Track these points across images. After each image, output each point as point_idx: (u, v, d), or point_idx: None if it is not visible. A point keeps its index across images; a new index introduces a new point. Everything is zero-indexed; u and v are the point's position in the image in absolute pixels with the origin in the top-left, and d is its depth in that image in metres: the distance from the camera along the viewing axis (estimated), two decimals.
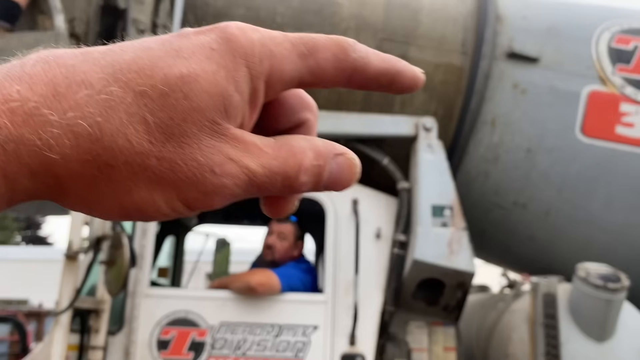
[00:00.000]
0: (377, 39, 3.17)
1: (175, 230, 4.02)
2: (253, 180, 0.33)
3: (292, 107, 0.39)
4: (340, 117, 2.88)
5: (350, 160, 0.36)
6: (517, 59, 3.21)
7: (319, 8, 3.20)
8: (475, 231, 3.28)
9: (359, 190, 2.92)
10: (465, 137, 3.16)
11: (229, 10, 3.11)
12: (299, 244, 3.19)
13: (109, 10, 2.92)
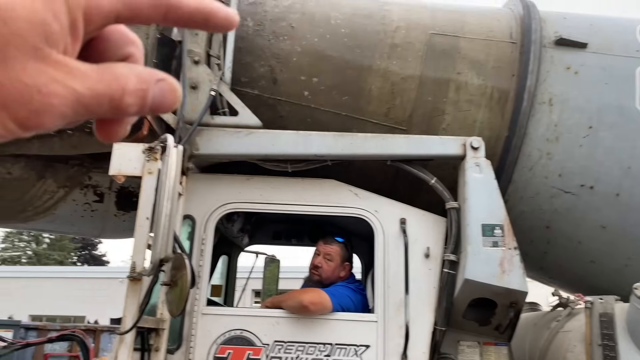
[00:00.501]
0: (427, 35, 3.27)
1: (228, 250, 4.14)
2: (80, 100, 0.36)
3: (115, 42, 0.42)
4: (386, 138, 2.93)
5: (171, 85, 0.40)
6: (565, 45, 3.25)
7: (369, 13, 3.36)
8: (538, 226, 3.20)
9: (406, 210, 2.95)
10: (524, 116, 3.11)
11: (285, 15, 3.27)
12: (346, 265, 3.22)
13: (165, 41, 3.10)
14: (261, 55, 3.18)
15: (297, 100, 3.15)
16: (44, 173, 2.99)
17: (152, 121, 2.65)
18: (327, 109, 3.16)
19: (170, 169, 2.12)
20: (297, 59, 3.17)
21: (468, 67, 3.21)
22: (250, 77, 3.16)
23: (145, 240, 2.18)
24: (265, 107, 3.15)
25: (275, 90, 3.16)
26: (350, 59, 3.19)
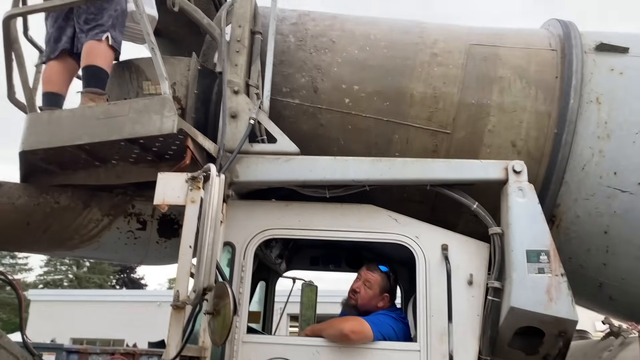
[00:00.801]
0: (466, 45, 3.30)
1: (265, 276, 4.15)
2: None
3: None
4: (425, 163, 2.90)
5: None
6: (607, 50, 3.23)
7: (407, 29, 3.43)
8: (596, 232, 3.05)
9: (448, 236, 2.90)
10: (572, 112, 3.05)
11: (326, 32, 3.36)
12: (385, 297, 3.15)
13: (206, 73, 3.18)
14: (302, 66, 3.25)
15: (338, 108, 3.17)
16: (89, 202, 3.07)
17: (194, 150, 2.70)
18: (368, 115, 3.16)
19: (213, 198, 2.15)
20: (337, 69, 3.23)
21: (510, 72, 3.21)
22: (291, 87, 3.22)
23: (188, 268, 2.21)
24: (306, 116, 3.19)
25: (316, 98, 3.20)
26: (391, 68, 3.22)
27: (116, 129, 2.57)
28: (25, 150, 2.76)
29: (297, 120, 3.14)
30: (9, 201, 2.95)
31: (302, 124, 3.14)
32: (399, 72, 3.21)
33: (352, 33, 3.37)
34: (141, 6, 2.64)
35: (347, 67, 3.23)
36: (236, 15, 3.18)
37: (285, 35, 3.34)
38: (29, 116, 2.81)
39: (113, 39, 3.02)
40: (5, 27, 2.91)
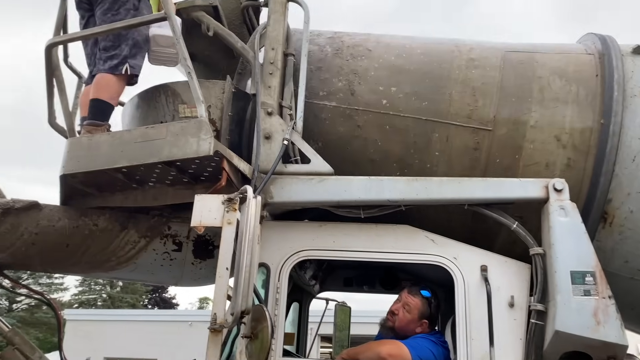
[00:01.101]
0: (501, 52, 3.31)
1: (299, 297, 4.12)
2: None
3: None
4: (463, 182, 2.85)
5: None
6: None
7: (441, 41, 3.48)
8: None
9: (487, 256, 2.83)
10: (618, 104, 2.99)
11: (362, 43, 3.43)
12: (423, 323, 3.07)
13: (240, 95, 3.21)
14: (339, 71, 3.27)
15: (375, 109, 3.16)
16: (126, 224, 3.11)
17: (229, 172, 2.72)
18: (406, 115, 3.13)
19: (250, 220, 2.15)
20: (374, 73, 3.25)
21: (548, 72, 3.19)
22: (328, 91, 3.24)
23: (225, 291, 2.20)
24: (343, 118, 3.18)
25: (353, 100, 3.20)
26: (428, 71, 3.23)
27: (154, 151, 2.61)
28: (65, 174, 2.82)
29: (334, 123, 3.15)
30: (50, 224, 3.01)
31: (338, 126, 3.14)
32: (436, 75, 3.21)
33: (388, 44, 3.42)
34: (177, 32, 2.69)
35: (384, 71, 3.25)
36: (269, 38, 3.22)
37: (322, 46, 3.39)
38: (69, 141, 2.88)
39: (132, 68, 3.14)
40: (47, 55, 3.01)
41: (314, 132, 3.17)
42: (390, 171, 3.07)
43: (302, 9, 3.29)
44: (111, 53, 3.12)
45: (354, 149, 3.14)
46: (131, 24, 2.97)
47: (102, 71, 3.13)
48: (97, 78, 3.14)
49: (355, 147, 3.15)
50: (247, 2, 3.65)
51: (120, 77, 3.14)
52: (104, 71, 3.12)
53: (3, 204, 2.96)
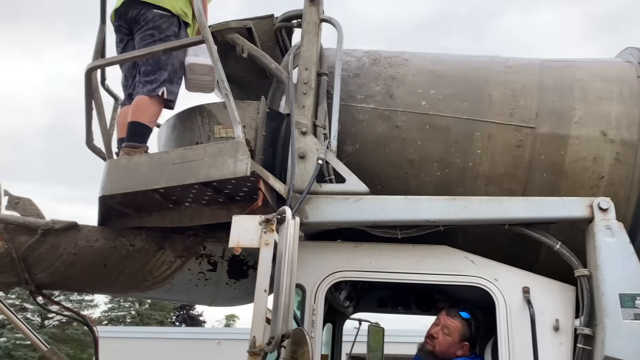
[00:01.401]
0: (540, 61, 3.35)
1: (332, 318, 4.07)
2: None
3: None
4: (503, 201, 2.78)
5: None
6: None
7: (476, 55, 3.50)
8: None
9: (529, 278, 2.75)
10: None
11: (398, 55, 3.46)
12: (464, 345, 3.00)
13: (273, 115, 3.22)
14: (377, 77, 3.29)
15: (415, 110, 3.14)
16: (162, 244, 3.13)
17: (265, 192, 2.71)
18: (446, 115, 3.11)
19: (288, 241, 2.13)
20: (412, 78, 3.26)
21: (588, 75, 3.19)
22: (365, 95, 3.24)
23: (264, 313, 2.17)
24: (381, 119, 3.16)
25: (392, 102, 3.19)
26: (466, 75, 3.25)
27: (192, 172, 2.62)
28: (104, 195, 2.86)
29: (372, 123, 3.14)
30: (88, 244, 3.04)
31: (376, 127, 3.13)
32: (475, 79, 3.24)
33: (423, 56, 3.48)
34: (215, 55, 2.72)
35: (422, 77, 3.27)
36: (303, 58, 3.23)
37: (359, 57, 3.43)
38: (109, 162, 2.93)
39: (169, 93, 3.20)
40: (87, 79, 3.08)
41: (351, 133, 3.15)
42: (430, 171, 3.04)
43: (336, 29, 3.30)
44: (150, 77, 3.20)
45: (392, 150, 3.11)
46: (169, 47, 3.02)
47: (140, 94, 3.19)
48: (136, 101, 3.20)
49: (394, 148, 3.11)
50: (280, 23, 3.68)
51: (158, 100, 3.20)
52: (143, 94, 3.19)
53: (43, 224, 3.01)
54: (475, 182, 3.00)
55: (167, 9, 3.31)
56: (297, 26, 3.57)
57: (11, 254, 2.95)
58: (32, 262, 3.00)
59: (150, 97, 3.18)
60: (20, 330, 3.39)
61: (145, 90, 3.22)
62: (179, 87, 3.33)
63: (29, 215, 3.12)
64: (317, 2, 3.30)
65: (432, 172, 3.03)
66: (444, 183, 3.04)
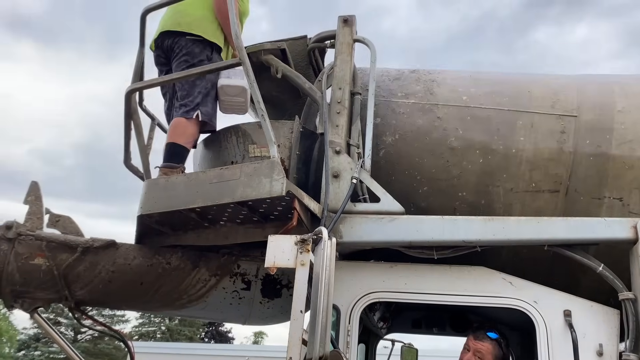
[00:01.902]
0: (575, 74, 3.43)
1: (365, 339, 4.02)
2: None
3: None
4: (542, 221, 2.72)
5: None
6: None
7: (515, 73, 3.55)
8: None
9: (570, 300, 2.67)
10: None
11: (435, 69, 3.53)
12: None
13: (307, 134, 3.25)
14: (417, 80, 3.37)
15: (455, 103, 3.17)
16: (198, 262, 3.17)
17: (300, 212, 2.72)
18: (488, 107, 3.14)
19: (325, 262, 2.13)
20: (452, 81, 3.34)
21: (628, 79, 3.24)
22: (406, 92, 3.29)
23: (300, 334, 2.16)
24: (421, 112, 3.19)
25: (432, 98, 3.24)
26: (505, 79, 3.38)
27: (228, 192, 2.65)
28: (142, 214, 2.92)
29: (412, 116, 3.17)
30: (125, 262, 3.10)
31: (417, 119, 3.15)
32: (515, 80, 3.34)
33: (459, 70, 3.58)
34: (251, 76, 2.77)
35: (461, 80, 3.34)
36: (336, 78, 3.26)
37: (398, 69, 3.52)
38: (147, 182, 2.99)
39: (203, 114, 3.28)
40: (127, 100, 3.16)
41: (391, 125, 3.18)
42: (473, 158, 3.04)
43: (369, 49, 3.32)
44: (185, 101, 3.29)
45: (433, 139, 3.11)
46: (206, 70, 3.09)
47: (177, 117, 3.27)
48: (173, 123, 3.29)
49: (435, 137, 3.11)
50: (314, 44, 3.73)
51: (193, 122, 3.27)
52: (179, 116, 3.27)
53: (83, 242, 3.09)
54: (519, 168, 2.99)
55: (198, 35, 3.41)
56: (331, 46, 3.61)
57: (52, 271, 3.04)
58: (72, 279, 3.08)
59: (186, 119, 3.25)
60: (58, 345, 3.46)
61: (180, 112, 3.31)
62: (212, 108, 3.39)
63: (68, 233, 3.21)
64: (351, 22, 3.34)
65: (474, 160, 3.03)
66: (486, 170, 3.02)
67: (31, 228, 3.09)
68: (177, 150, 3.23)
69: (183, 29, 3.43)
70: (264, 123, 2.71)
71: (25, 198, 3.19)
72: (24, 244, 3.03)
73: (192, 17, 3.45)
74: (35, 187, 3.22)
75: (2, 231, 3.03)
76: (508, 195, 2.98)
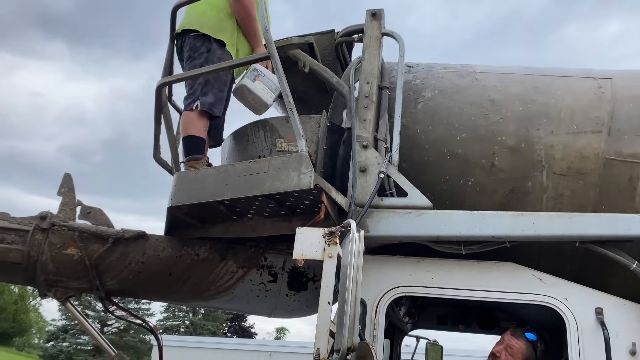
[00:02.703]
0: None
1: (390, 334, 4.01)
2: None
3: None
4: (574, 217, 2.67)
5: None
6: None
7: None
8: None
9: (602, 298, 2.62)
10: None
11: None
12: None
13: (334, 129, 3.25)
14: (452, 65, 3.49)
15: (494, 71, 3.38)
16: (225, 254, 3.20)
17: (327, 205, 2.73)
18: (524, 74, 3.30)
19: (353, 254, 2.13)
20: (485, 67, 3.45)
21: None
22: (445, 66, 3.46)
23: (327, 325, 2.17)
24: (460, 75, 3.39)
25: (469, 68, 3.39)
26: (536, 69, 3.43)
27: (257, 185, 2.68)
28: (172, 206, 2.96)
29: (450, 78, 3.31)
30: (155, 253, 3.16)
31: (455, 80, 3.28)
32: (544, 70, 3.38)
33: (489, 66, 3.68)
34: (280, 70, 2.78)
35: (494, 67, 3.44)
36: (364, 72, 3.25)
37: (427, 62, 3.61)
38: (177, 175, 3.03)
39: (202, 104, 3.34)
40: (157, 94, 3.21)
41: (430, 84, 3.30)
42: (512, 107, 3.09)
43: (397, 43, 3.31)
44: (187, 94, 3.40)
45: (472, 93, 3.21)
46: (235, 64, 3.12)
47: (184, 111, 3.39)
48: (182, 117, 3.38)
49: (474, 92, 3.21)
50: (341, 38, 3.73)
51: (197, 112, 3.33)
52: (184, 110, 3.38)
53: (114, 233, 3.15)
54: (559, 114, 3.04)
55: (196, 30, 3.49)
56: (358, 40, 3.60)
57: (84, 261, 3.10)
58: (103, 270, 3.14)
59: (190, 111, 3.34)
60: (89, 333, 3.54)
61: (185, 106, 3.42)
62: (214, 97, 3.41)
63: (99, 224, 3.28)
64: (379, 16, 3.32)
65: (514, 109, 3.09)
66: (526, 117, 3.06)
67: (64, 219, 3.17)
68: (192, 141, 3.30)
69: (186, 27, 3.53)
70: (293, 117, 2.72)
71: (58, 189, 3.27)
72: (57, 234, 3.10)
73: (192, 15, 3.56)
74: (68, 178, 3.30)
75: (36, 221, 3.12)
76: (549, 137, 3.00)
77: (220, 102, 3.45)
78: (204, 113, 3.36)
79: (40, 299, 3.84)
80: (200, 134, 3.36)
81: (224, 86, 3.46)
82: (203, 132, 3.40)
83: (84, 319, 3.47)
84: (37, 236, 3.08)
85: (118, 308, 3.64)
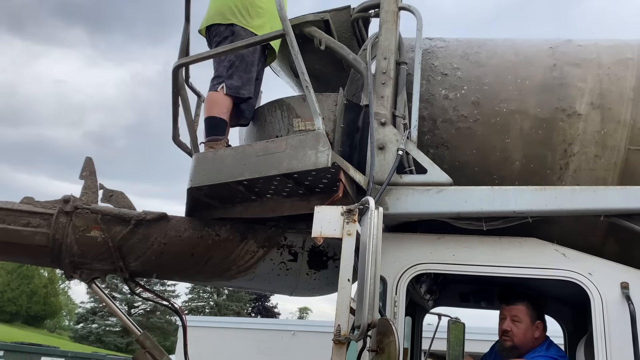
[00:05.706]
0: None
1: (412, 312, 4.02)
2: None
3: None
4: (598, 190, 2.62)
5: None
6: None
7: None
8: None
9: (627, 272, 2.57)
10: None
11: None
12: (539, 324, 2.97)
13: (351, 106, 3.22)
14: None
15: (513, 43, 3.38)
16: (246, 234, 3.22)
17: (345, 183, 2.72)
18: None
19: (372, 231, 2.12)
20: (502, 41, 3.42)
21: None
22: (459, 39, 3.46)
23: (348, 302, 2.18)
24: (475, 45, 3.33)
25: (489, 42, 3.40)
26: None
27: (274, 164, 2.67)
28: (192, 187, 2.98)
29: (465, 48, 3.30)
30: (177, 234, 3.19)
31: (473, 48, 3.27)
32: None
33: None
34: (296, 47, 2.75)
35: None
36: (381, 47, 3.20)
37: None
38: (196, 156, 3.04)
39: (228, 88, 3.32)
40: (174, 76, 3.22)
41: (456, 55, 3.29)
42: (534, 74, 3.10)
43: (415, 17, 3.24)
44: (214, 75, 3.39)
45: (494, 64, 3.20)
46: (251, 42, 3.09)
47: (209, 91, 3.36)
48: (206, 98, 3.38)
49: (494, 64, 3.20)
50: (357, 14, 3.67)
51: (222, 94, 3.31)
52: (209, 91, 3.36)
53: (136, 215, 3.19)
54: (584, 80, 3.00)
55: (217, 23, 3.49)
56: (375, 16, 3.54)
57: (107, 243, 3.16)
58: (126, 251, 3.19)
59: (215, 92, 3.33)
60: (117, 316, 3.61)
61: (210, 87, 3.40)
62: (240, 78, 3.40)
63: (121, 207, 3.32)
64: None
65: (535, 76, 3.09)
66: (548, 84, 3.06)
67: (87, 202, 3.22)
68: (214, 122, 3.30)
69: (210, 23, 3.52)
70: (309, 95, 2.69)
71: (80, 173, 3.32)
72: (80, 217, 3.15)
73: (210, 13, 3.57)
74: (90, 162, 3.34)
75: (60, 205, 3.17)
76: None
77: (249, 83, 3.44)
78: (229, 96, 3.36)
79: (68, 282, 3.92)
80: (222, 115, 3.36)
81: (250, 67, 3.44)
82: (225, 113, 3.39)
83: (110, 299, 3.54)
84: (61, 219, 3.14)
85: (144, 289, 3.70)
